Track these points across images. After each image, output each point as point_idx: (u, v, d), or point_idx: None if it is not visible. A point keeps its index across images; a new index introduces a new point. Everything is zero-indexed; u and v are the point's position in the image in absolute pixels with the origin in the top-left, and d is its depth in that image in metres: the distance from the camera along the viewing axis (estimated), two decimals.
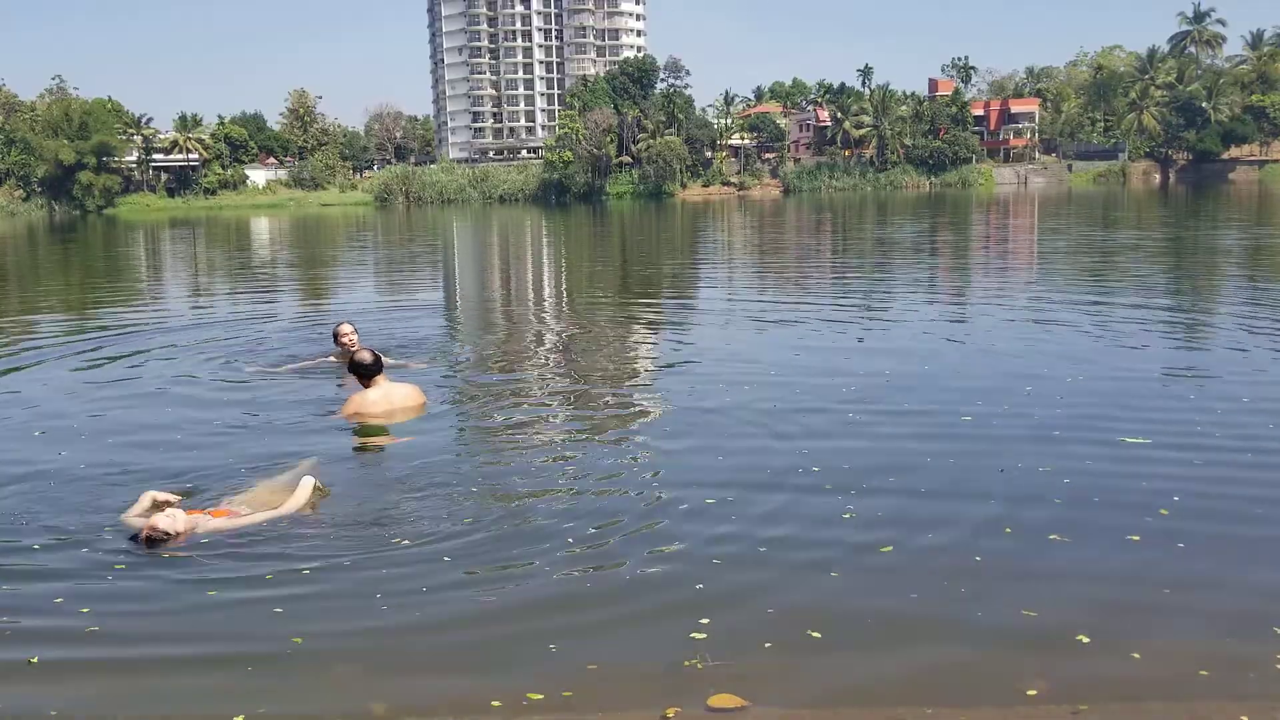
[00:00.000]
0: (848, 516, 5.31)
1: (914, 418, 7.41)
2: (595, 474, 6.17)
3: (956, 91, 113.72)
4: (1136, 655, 3.88)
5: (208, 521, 5.30)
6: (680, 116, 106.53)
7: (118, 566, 4.86)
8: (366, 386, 7.83)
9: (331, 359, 9.79)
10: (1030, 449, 6.47)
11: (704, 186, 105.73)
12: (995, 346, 10.76)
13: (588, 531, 5.15)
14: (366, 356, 7.87)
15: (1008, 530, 5.16)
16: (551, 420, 7.59)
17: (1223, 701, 3.56)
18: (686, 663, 3.81)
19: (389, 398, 7.82)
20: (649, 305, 15.86)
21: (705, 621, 4.11)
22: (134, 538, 5.14)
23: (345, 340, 9.74)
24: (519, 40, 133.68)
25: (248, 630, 4.20)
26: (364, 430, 7.49)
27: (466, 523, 5.31)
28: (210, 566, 4.85)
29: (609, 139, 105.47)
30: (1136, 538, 4.99)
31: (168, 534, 5.09)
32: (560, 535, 5.10)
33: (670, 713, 3.49)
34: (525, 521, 5.32)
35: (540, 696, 3.63)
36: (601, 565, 4.74)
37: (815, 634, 4.04)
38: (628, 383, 9.20)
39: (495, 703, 3.59)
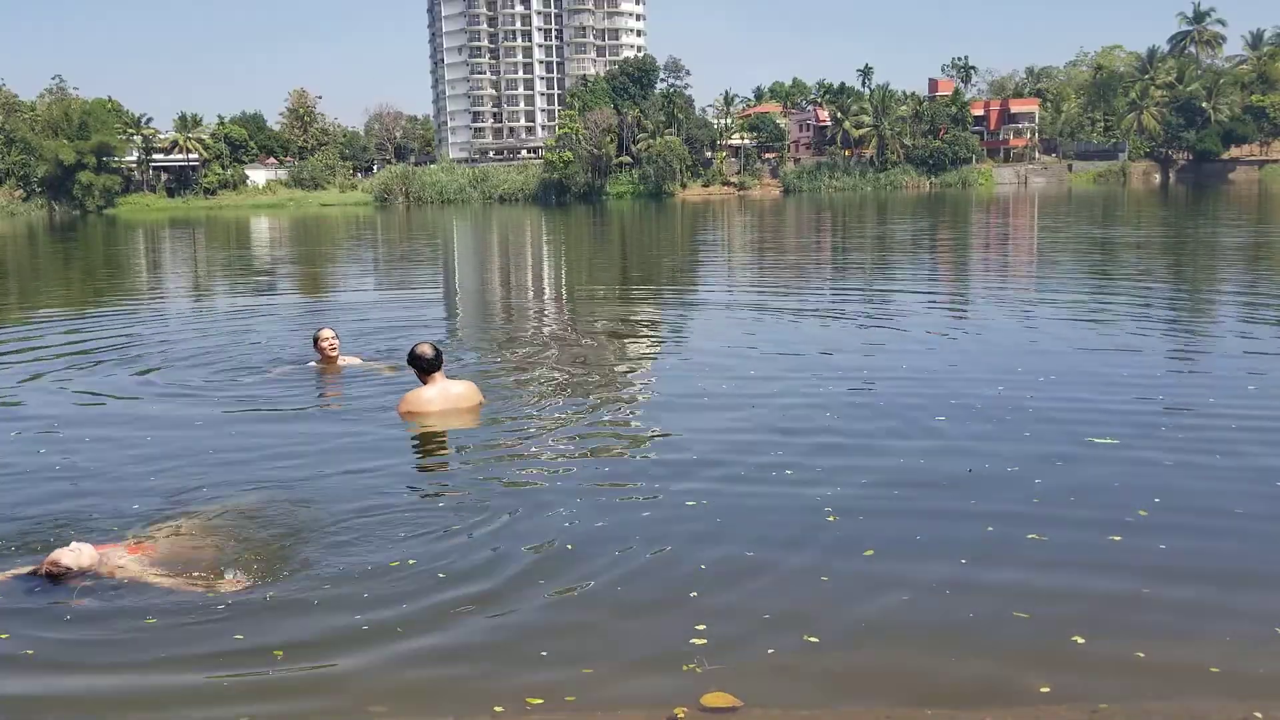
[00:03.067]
0: (831, 519, 5.32)
1: (888, 416, 7.49)
2: (589, 480, 6.15)
3: (956, 91, 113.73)
4: (1141, 655, 3.90)
5: (121, 556, 4.78)
6: (680, 116, 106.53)
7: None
8: (424, 383, 7.55)
9: (311, 366, 9.57)
10: (1001, 449, 6.51)
11: (704, 186, 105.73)
12: (976, 344, 10.91)
13: (584, 538, 5.15)
14: (428, 350, 7.51)
15: (989, 529, 5.17)
16: (546, 426, 7.54)
17: (1234, 701, 3.57)
18: (685, 667, 3.82)
19: (446, 395, 7.54)
20: (647, 305, 15.88)
21: (702, 627, 4.12)
22: (33, 573, 4.66)
23: (325, 346, 9.48)
24: (519, 40, 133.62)
25: (219, 650, 4.04)
26: (419, 429, 7.35)
27: (455, 530, 5.29)
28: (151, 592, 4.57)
29: (609, 139, 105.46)
30: (1118, 538, 5.01)
31: (70, 569, 4.59)
32: (557, 542, 5.10)
33: (679, 713, 3.51)
34: (521, 528, 5.31)
35: (540, 700, 3.64)
36: (598, 571, 4.74)
37: (812, 639, 4.05)
38: (623, 386, 9.20)
39: (498, 708, 3.60)
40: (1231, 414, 7.33)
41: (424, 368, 7.50)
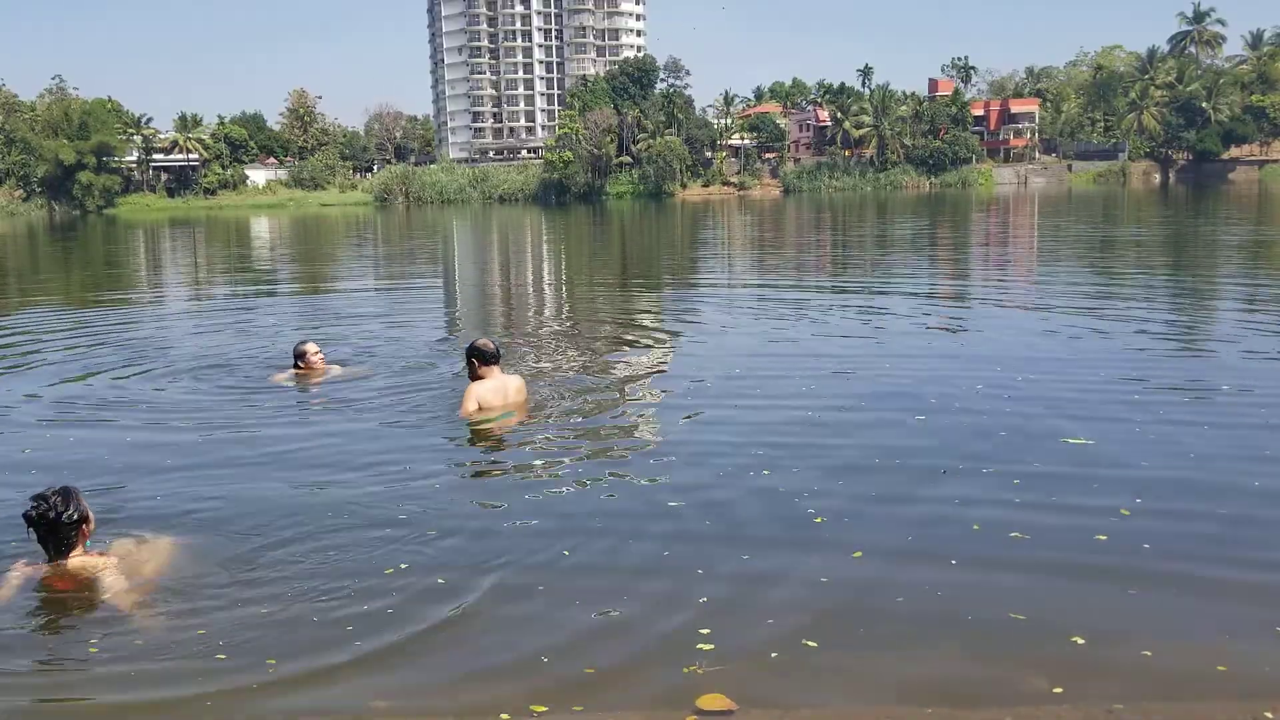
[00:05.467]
0: (818, 521, 5.31)
1: (867, 415, 7.56)
2: (586, 482, 6.12)
3: (956, 91, 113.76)
4: (1147, 654, 3.88)
5: (79, 559, 4.69)
6: (680, 116, 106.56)
7: None
8: (480, 377, 7.57)
9: (290, 375, 9.30)
10: (977, 449, 6.51)
11: (704, 186, 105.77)
12: (959, 343, 11.04)
13: (583, 541, 5.12)
14: (489, 345, 7.63)
15: (975, 527, 5.17)
16: (544, 430, 7.45)
17: (1245, 701, 3.57)
18: (686, 668, 3.80)
19: (505, 389, 7.62)
20: (646, 305, 15.88)
21: (706, 631, 4.10)
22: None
23: (312, 360, 9.26)
24: (519, 40, 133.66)
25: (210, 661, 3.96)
26: (473, 425, 7.37)
27: (449, 534, 5.25)
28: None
29: (609, 139, 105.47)
30: (1104, 537, 5.00)
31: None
32: (556, 546, 5.07)
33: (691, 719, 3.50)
34: (518, 532, 5.28)
35: (545, 708, 3.60)
36: (598, 575, 4.72)
37: (812, 642, 4.03)
38: (620, 390, 9.05)
39: (504, 716, 3.56)
40: (1205, 415, 7.36)
41: (484, 360, 7.59)
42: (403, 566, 4.80)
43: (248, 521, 5.45)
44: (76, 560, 4.68)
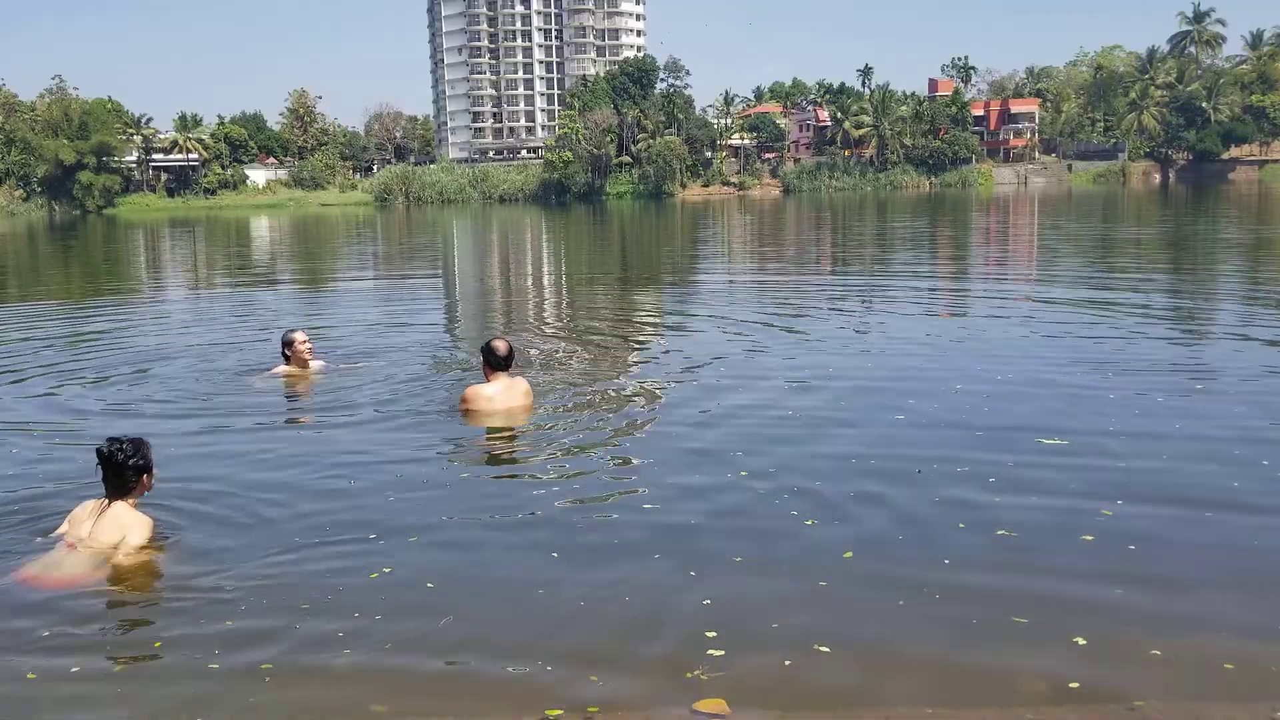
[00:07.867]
0: (810, 523, 5.28)
1: (849, 416, 7.57)
2: (583, 489, 6.07)
3: (956, 91, 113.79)
4: (1156, 652, 3.87)
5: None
6: (680, 116, 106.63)
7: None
8: (489, 378, 7.54)
9: (280, 371, 9.19)
10: (955, 448, 6.51)
11: (704, 186, 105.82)
12: (942, 342, 11.06)
13: (579, 546, 5.10)
14: (502, 347, 7.54)
15: (961, 525, 5.16)
16: (540, 431, 7.42)
17: (1254, 701, 3.56)
18: (689, 674, 3.78)
19: (509, 393, 7.57)
20: (645, 305, 15.88)
21: (713, 635, 4.07)
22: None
23: (303, 350, 9.08)
24: (519, 40, 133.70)
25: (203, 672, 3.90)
26: (472, 424, 7.37)
27: (447, 536, 5.22)
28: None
29: (609, 139, 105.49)
30: (1090, 538, 4.99)
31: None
32: (553, 550, 5.04)
33: None
34: (518, 537, 5.25)
35: (560, 712, 3.56)
36: (597, 580, 4.68)
37: (814, 645, 4.01)
38: (615, 391, 8.97)
39: None
40: (1180, 414, 7.37)
41: (493, 365, 7.54)
42: (386, 570, 4.75)
43: (236, 523, 5.41)
44: (111, 514, 4.96)
